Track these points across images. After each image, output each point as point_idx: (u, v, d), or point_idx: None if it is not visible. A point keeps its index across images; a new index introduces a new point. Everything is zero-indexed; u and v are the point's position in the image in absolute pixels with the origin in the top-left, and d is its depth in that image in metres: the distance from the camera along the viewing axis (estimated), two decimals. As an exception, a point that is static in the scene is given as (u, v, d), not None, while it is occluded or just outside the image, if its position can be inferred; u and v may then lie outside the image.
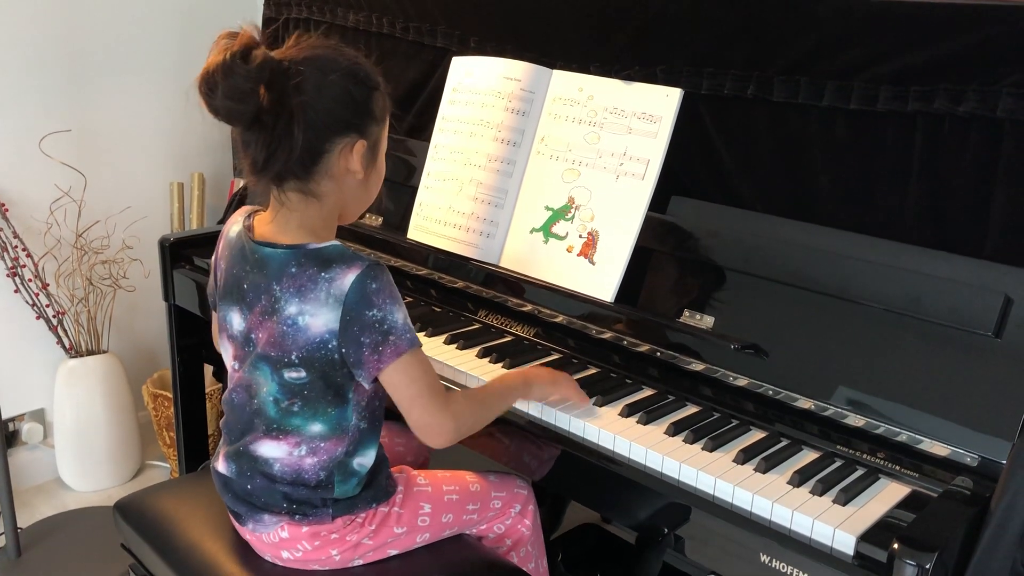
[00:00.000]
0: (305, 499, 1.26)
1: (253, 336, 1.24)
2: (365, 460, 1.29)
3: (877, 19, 1.30)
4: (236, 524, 1.34)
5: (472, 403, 1.29)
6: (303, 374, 1.21)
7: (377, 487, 1.31)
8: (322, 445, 1.25)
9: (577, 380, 1.41)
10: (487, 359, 1.50)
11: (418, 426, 1.24)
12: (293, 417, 1.24)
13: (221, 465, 1.33)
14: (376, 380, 1.22)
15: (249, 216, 1.29)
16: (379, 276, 1.18)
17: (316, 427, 1.24)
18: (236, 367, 1.29)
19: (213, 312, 1.37)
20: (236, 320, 1.26)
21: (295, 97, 1.14)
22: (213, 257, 1.35)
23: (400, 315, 1.19)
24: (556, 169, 1.59)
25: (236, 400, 1.30)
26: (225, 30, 1.14)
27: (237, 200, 2.16)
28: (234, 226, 1.30)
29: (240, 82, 1.10)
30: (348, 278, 1.17)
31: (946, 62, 1.24)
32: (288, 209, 1.23)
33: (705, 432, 1.28)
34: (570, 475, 1.35)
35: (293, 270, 1.19)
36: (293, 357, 1.20)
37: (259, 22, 2.33)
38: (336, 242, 1.22)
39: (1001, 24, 1.19)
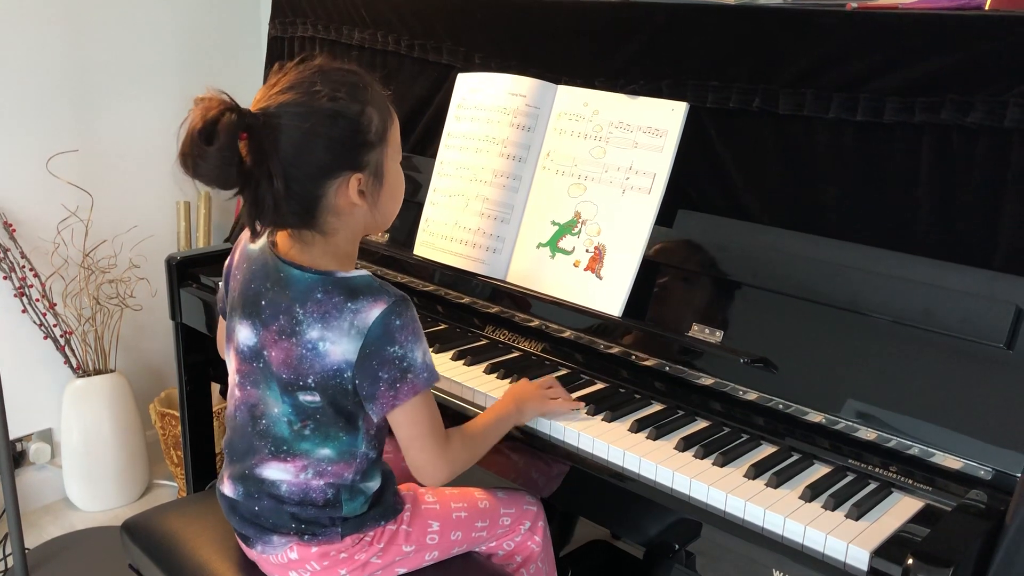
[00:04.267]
0: (313, 518, 1.26)
1: (265, 354, 1.23)
2: (371, 483, 1.29)
3: (883, 30, 1.30)
4: (243, 546, 1.33)
5: (468, 443, 1.29)
6: (317, 398, 1.21)
7: (385, 505, 1.30)
8: (329, 468, 1.25)
9: (585, 395, 1.41)
10: (495, 375, 1.49)
11: (414, 465, 1.26)
12: (304, 440, 1.24)
13: (227, 488, 1.32)
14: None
15: (272, 232, 1.27)
16: (404, 312, 1.18)
17: (325, 451, 1.24)
18: (238, 381, 1.29)
19: (221, 318, 1.37)
20: (245, 334, 1.25)
21: (273, 156, 1.12)
22: (227, 263, 1.34)
23: (420, 353, 1.20)
24: (562, 184, 1.59)
25: (239, 419, 1.29)
26: (197, 96, 1.12)
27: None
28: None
29: (213, 160, 1.09)
30: (373, 312, 1.17)
31: (953, 73, 1.24)
32: (304, 242, 1.22)
33: (715, 447, 1.27)
34: (579, 492, 1.34)
35: (319, 296, 1.19)
36: (309, 381, 1.20)
37: (264, 40, 2.35)
38: (365, 272, 1.21)
39: (1008, 34, 1.19)
